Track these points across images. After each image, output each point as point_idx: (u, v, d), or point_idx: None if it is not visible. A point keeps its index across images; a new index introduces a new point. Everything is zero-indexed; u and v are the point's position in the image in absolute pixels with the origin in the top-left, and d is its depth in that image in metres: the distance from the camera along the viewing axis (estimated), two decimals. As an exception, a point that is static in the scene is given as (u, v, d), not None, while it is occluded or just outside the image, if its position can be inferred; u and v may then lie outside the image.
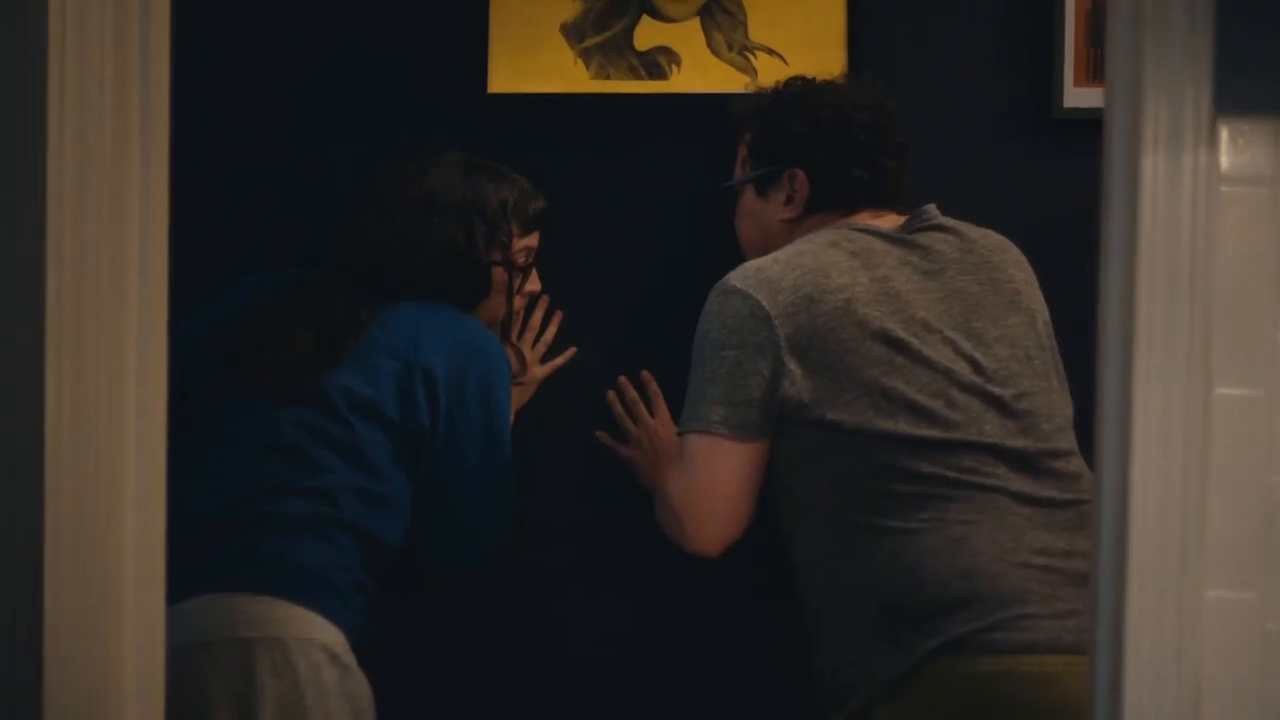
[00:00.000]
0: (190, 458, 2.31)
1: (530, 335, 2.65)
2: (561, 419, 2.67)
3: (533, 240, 2.53)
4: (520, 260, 2.51)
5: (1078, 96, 2.59)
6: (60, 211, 1.41)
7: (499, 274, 2.48)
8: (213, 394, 2.36)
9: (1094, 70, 2.59)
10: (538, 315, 2.65)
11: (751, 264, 2.27)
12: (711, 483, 2.22)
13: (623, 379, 2.63)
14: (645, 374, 2.63)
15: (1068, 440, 2.24)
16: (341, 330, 2.34)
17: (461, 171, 2.46)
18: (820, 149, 2.36)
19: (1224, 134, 1.51)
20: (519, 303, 2.54)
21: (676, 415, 2.39)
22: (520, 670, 2.69)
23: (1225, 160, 1.51)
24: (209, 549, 2.23)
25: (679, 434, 2.28)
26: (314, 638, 2.19)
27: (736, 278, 2.25)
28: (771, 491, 2.27)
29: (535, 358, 2.64)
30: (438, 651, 2.69)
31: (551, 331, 2.66)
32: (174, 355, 2.30)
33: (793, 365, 2.17)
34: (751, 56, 2.64)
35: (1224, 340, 1.52)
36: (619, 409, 2.63)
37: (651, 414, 2.60)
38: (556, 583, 2.57)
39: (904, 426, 2.15)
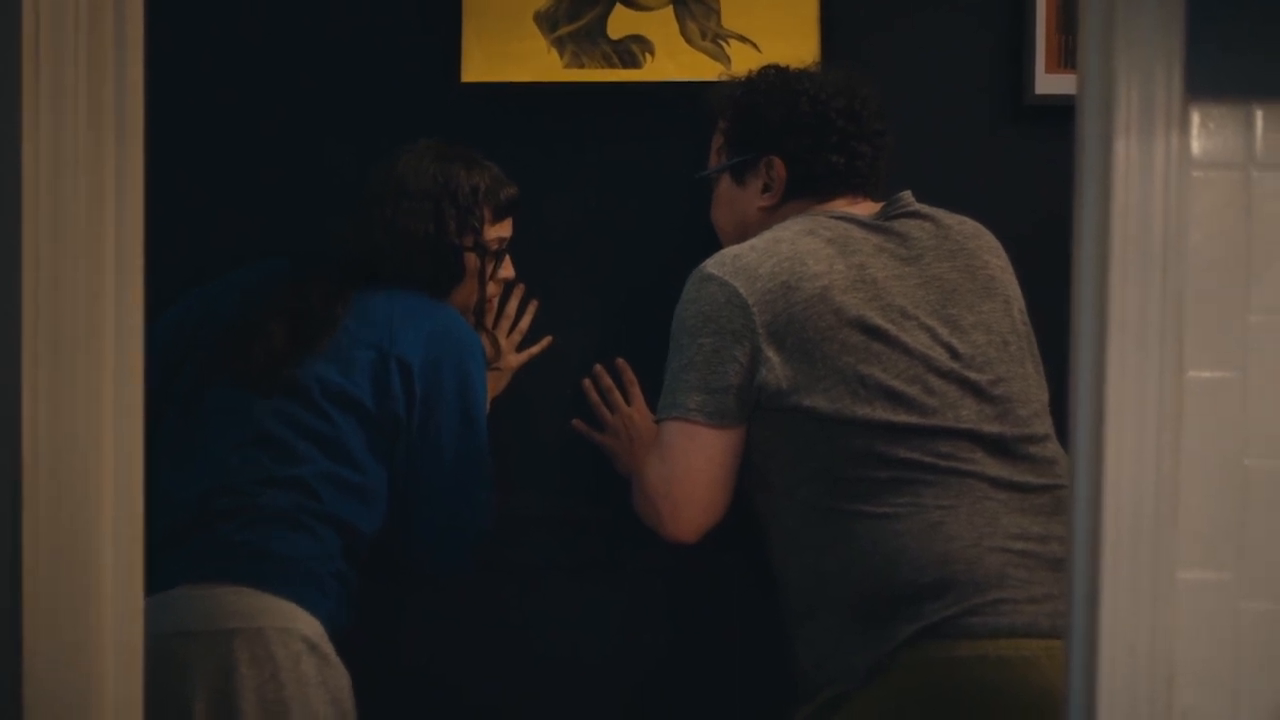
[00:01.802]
0: (171, 447, 2.32)
1: (505, 323, 2.65)
2: (538, 408, 2.67)
3: (505, 228, 2.53)
4: (493, 247, 2.51)
5: (1049, 83, 2.60)
6: (35, 208, 1.41)
7: (471, 260, 2.48)
8: (194, 385, 2.37)
9: (1065, 57, 2.59)
10: (513, 303, 2.65)
11: (728, 251, 2.27)
12: (689, 470, 2.22)
13: (598, 367, 2.63)
14: (620, 361, 2.63)
15: (1044, 425, 2.24)
16: (317, 321, 2.35)
17: (432, 158, 2.47)
18: (796, 136, 2.36)
19: (1195, 118, 1.51)
20: (492, 289, 2.54)
21: (653, 402, 2.39)
22: (499, 662, 2.68)
23: (1197, 144, 1.52)
24: (189, 539, 2.24)
25: (656, 421, 2.27)
26: (293, 628, 2.19)
27: (713, 265, 2.24)
28: (749, 479, 2.27)
29: (510, 346, 2.64)
30: (416, 642, 2.69)
31: (527, 320, 2.66)
32: (156, 346, 2.33)
33: (770, 352, 2.17)
34: (725, 44, 2.64)
35: (1196, 323, 1.52)
36: (595, 397, 2.63)
37: (627, 401, 2.61)
38: (534, 573, 2.57)
39: (881, 413, 2.15)
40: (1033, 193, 2.58)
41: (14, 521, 1.42)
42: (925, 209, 2.32)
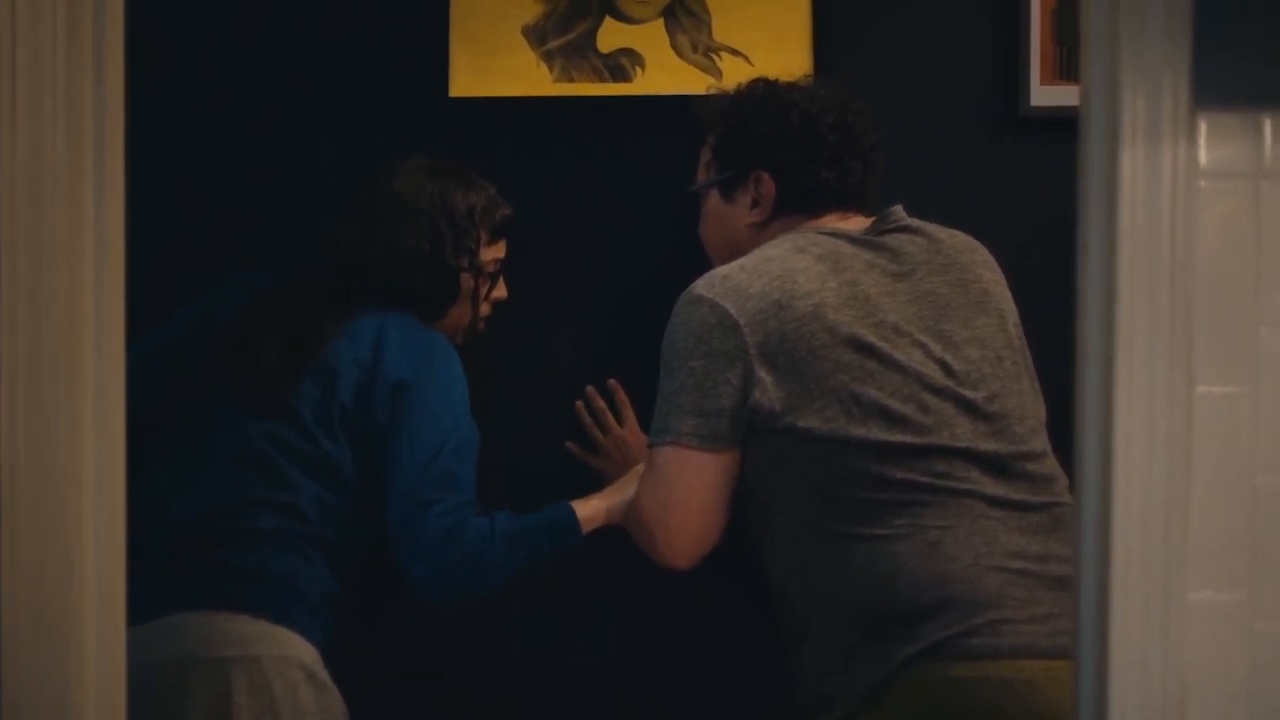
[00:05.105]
0: (168, 461, 2.32)
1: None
2: (528, 425, 2.65)
3: (500, 249, 2.52)
4: (489, 269, 2.49)
5: (1044, 95, 2.59)
6: (12, 218, 1.39)
7: (466, 280, 2.46)
8: (183, 402, 2.35)
9: (1061, 68, 2.59)
10: None
11: (718, 271, 2.25)
12: (684, 495, 2.20)
13: (590, 389, 2.62)
14: (612, 382, 2.61)
15: (1041, 442, 2.22)
16: (308, 340, 2.34)
17: (427, 176, 2.45)
18: (786, 151, 2.34)
19: (1203, 127, 1.50)
20: (485, 309, 2.53)
21: (645, 423, 2.37)
22: (493, 682, 2.67)
23: (1205, 154, 1.50)
24: (182, 563, 2.23)
25: (649, 446, 2.25)
26: (290, 656, 2.19)
27: (703, 286, 2.22)
28: (744, 501, 2.24)
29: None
30: (401, 653, 2.67)
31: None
32: (144, 364, 2.31)
33: (763, 373, 2.15)
34: (716, 57, 2.62)
35: (1205, 337, 1.50)
36: (587, 419, 2.61)
37: (620, 423, 2.58)
38: (528, 594, 2.55)
39: (876, 432, 2.12)
40: (1028, 205, 2.58)
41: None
42: (917, 223, 2.30)
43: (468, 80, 2.63)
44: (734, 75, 2.55)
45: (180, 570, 2.22)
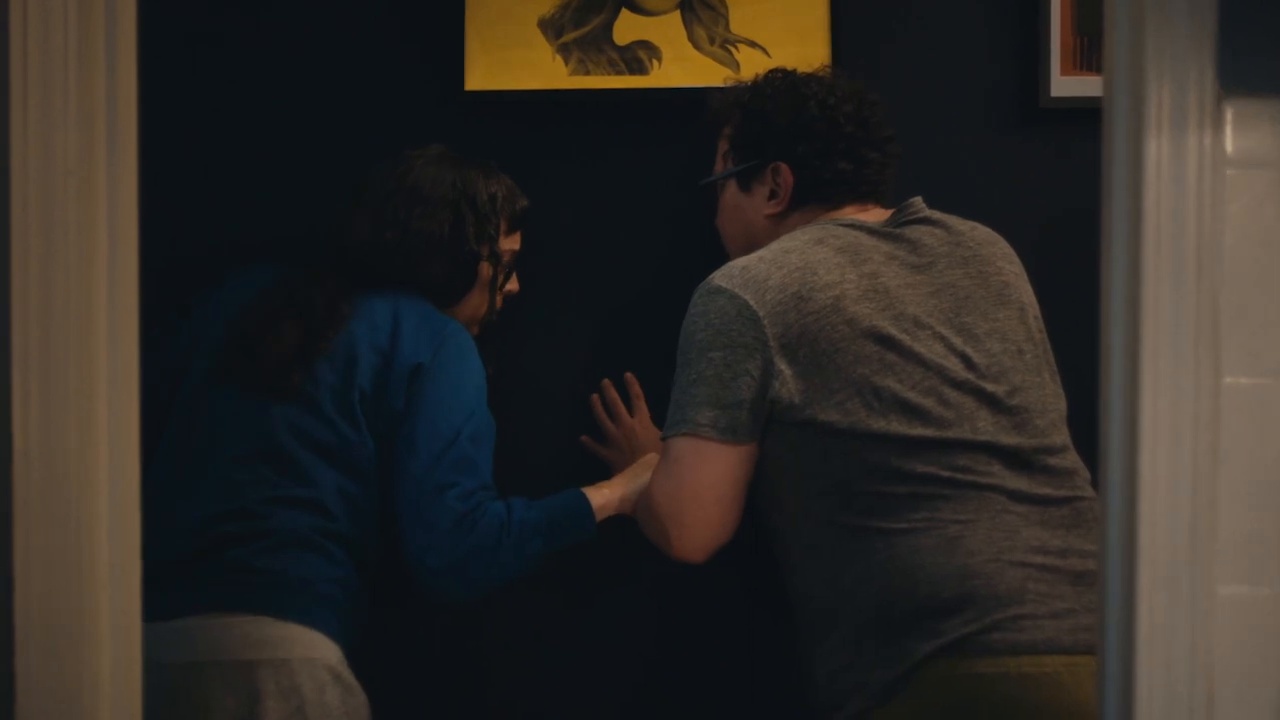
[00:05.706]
0: (173, 462, 2.30)
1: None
2: (543, 419, 2.65)
3: (516, 241, 2.52)
4: (505, 259, 2.49)
5: (1065, 85, 2.58)
6: (25, 213, 1.38)
7: (485, 269, 2.46)
8: (198, 394, 2.34)
9: (1081, 58, 2.58)
10: None
11: (737, 263, 2.23)
12: (699, 487, 2.18)
13: (605, 381, 2.62)
14: (628, 375, 2.61)
15: (1061, 435, 2.21)
16: (324, 325, 2.32)
17: (449, 164, 2.45)
18: (804, 142, 2.33)
19: (1229, 115, 1.48)
20: (498, 301, 2.52)
21: (659, 416, 2.35)
22: (509, 678, 2.66)
23: (1231, 142, 1.49)
24: (203, 562, 2.22)
25: (664, 438, 2.23)
26: (317, 658, 2.18)
27: (722, 277, 2.21)
28: (761, 494, 2.23)
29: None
30: (427, 660, 2.66)
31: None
32: (157, 354, 2.29)
33: (782, 365, 2.14)
34: (733, 49, 2.61)
35: (1232, 328, 1.49)
36: (600, 410, 2.60)
37: (631, 415, 2.57)
38: (541, 589, 2.54)
39: (896, 426, 2.11)
40: (1048, 196, 2.58)
41: (5, 545, 1.39)
42: (936, 215, 2.29)
43: (483, 74, 2.62)
44: (751, 67, 2.55)
45: (199, 570, 2.21)
